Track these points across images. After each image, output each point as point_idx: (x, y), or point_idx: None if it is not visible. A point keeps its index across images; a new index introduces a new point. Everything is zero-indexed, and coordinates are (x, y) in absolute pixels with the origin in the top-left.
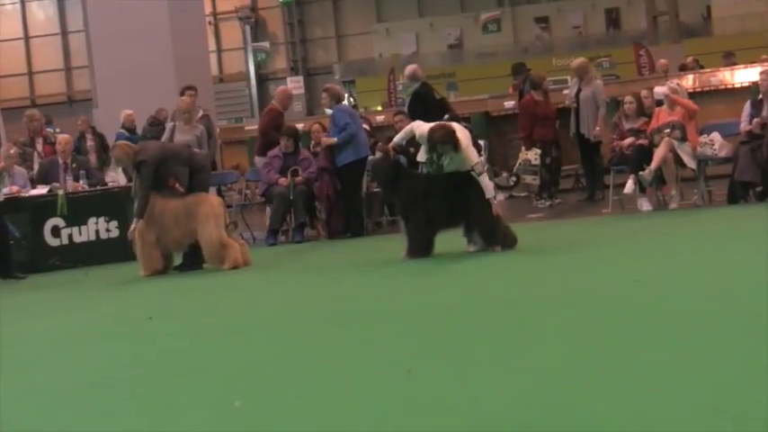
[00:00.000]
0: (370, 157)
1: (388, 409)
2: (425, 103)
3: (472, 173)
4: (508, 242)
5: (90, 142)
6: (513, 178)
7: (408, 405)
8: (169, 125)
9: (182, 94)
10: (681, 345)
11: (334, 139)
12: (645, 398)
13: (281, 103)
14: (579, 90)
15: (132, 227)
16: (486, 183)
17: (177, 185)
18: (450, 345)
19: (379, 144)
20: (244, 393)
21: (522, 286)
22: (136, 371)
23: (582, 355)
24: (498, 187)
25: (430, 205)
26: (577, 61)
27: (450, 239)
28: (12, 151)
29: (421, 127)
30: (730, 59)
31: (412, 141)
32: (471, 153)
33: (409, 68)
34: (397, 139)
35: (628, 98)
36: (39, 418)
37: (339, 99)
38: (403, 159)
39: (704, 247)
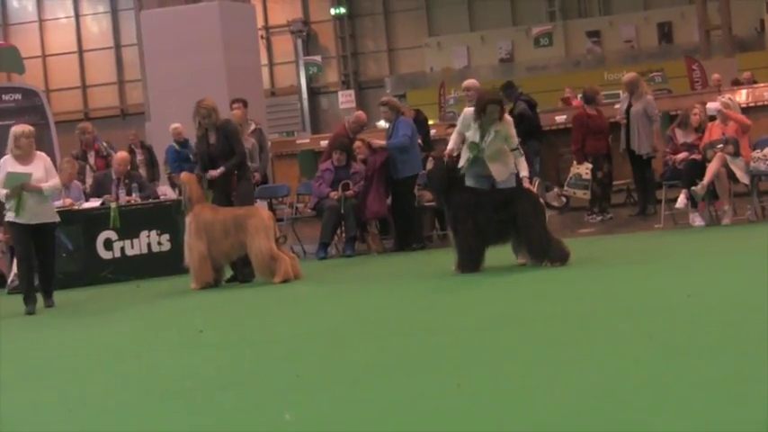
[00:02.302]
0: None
1: (438, 422)
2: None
3: (514, 151)
4: (560, 257)
5: (140, 156)
6: (564, 199)
7: (458, 418)
8: None
9: (231, 107)
10: (733, 359)
11: (383, 143)
12: (697, 411)
13: (352, 130)
14: (630, 105)
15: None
16: (524, 165)
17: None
18: (501, 358)
19: (433, 152)
20: (294, 406)
21: (573, 300)
22: (188, 382)
23: (633, 370)
24: (548, 206)
25: (480, 219)
26: (628, 76)
27: (500, 253)
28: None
29: (466, 109)
30: None
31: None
32: (513, 133)
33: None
34: (451, 144)
35: (695, 109)
36: (91, 429)
37: (399, 111)
38: None
39: (757, 263)
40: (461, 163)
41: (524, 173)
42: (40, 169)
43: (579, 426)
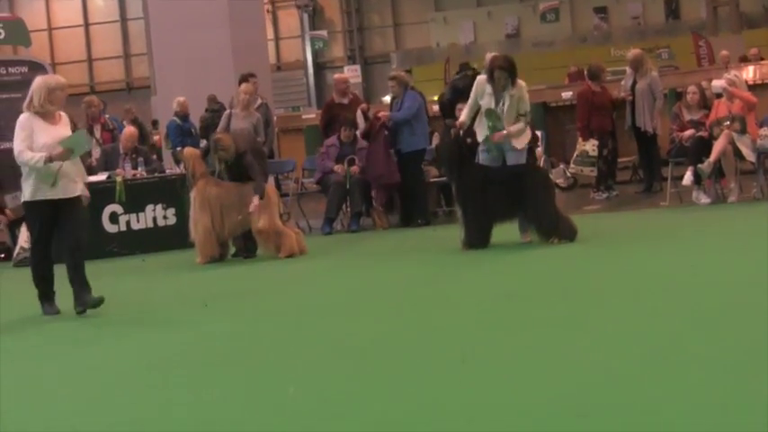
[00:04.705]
0: (429, 147)
1: (442, 396)
2: None
3: (521, 117)
4: (567, 234)
5: None
6: (571, 179)
7: (462, 392)
8: (226, 113)
9: (244, 80)
10: (738, 337)
11: (387, 113)
12: (701, 388)
13: (339, 92)
14: (635, 82)
15: (254, 205)
16: (528, 133)
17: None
18: (506, 334)
19: (447, 121)
20: (298, 380)
21: (579, 276)
22: (192, 355)
23: (638, 346)
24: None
25: (489, 196)
26: (633, 53)
27: (505, 230)
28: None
29: (479, 77)
30: None
31: (469, 131)
32: (527, 98)
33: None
34: (463, 117)
35: (691, 88)
36: (92, 399)
37: (408, 86)
38: None
39: (762, 242)
40: (480, 137)
41: (513, 129)
42: (68, 130)
43: (583, 401)
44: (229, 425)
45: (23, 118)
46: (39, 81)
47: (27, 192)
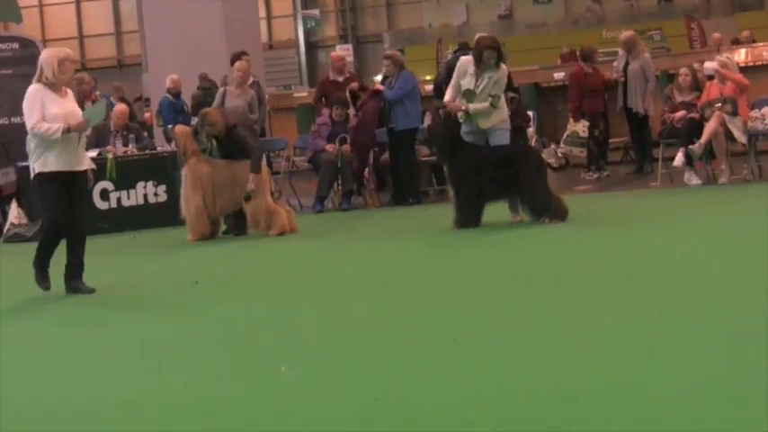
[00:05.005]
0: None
1: (433, 376)
2: None
3: (493, 97)
4: (559, 214)
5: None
6: (563, 160)
7: (453, 374)
8: (220, 90)
9: (237, 58)
10: (729, 319)
11: (381, 87)
12: (692, 370)
13: (336, 70)
14: (627, 63)
15: (250, 185)
16: (500, 114)
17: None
18: (497, 315)
19: (437, 101)
20: (290, 359)
21: (570, 258)
22: (183, 335)
23: (630, 329)
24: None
25: (482, 177)
26: (625, 34)
27: (496, 209)
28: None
29: (463, 57)
30: None
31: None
32: (505, 81)
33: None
34: (447, 96)
35: (683, 70)
36: (86, 380)
37: (403, 66)
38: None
39: (753, 223)
40: (460, 117)
41: (478, 106)
42: (74, 104)
43: (573, 383)
44: (222, 401)
45: (34, 90)
46: (48, 53)
47: (39, 163)
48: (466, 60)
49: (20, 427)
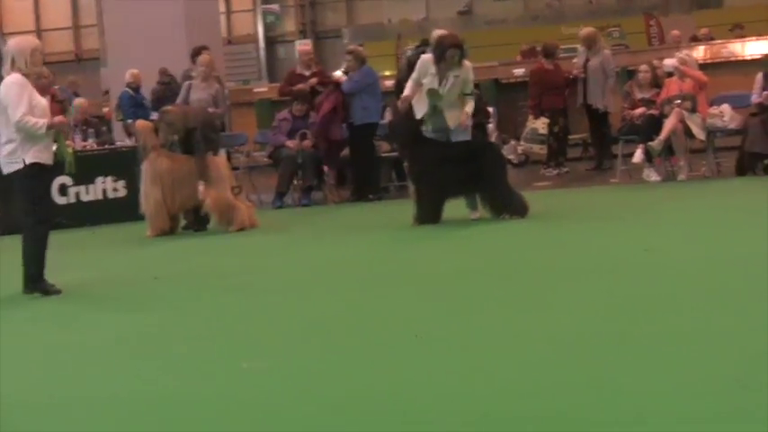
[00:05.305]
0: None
1: (395, 372)
2: None
3: (467, 96)
4: (519, 210)
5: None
6: (523, 156)
7: (415, 369)
8: (185, 84)
9: (197, 53)
10: (690, 313)
11: (341, 75)
12: (658, 364)
13: (304, 64)
14: (587, 60)
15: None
16: (471, 105)
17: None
18: (458, 310)
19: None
20: (250, 355)
21: (532, 253)
22: (144, 331)
23: (591, 323)
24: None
25: (441, 172)
26: (585, 31)
27: (456, 206)
28: None
29: (424, 56)
30: (738, 32)
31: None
32: (471, 78)
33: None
34: (407, 91)
35: (643, 67)
36: (49, 378)
37: (364, 62)
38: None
39: (712, 218)
40: (419, 114)
41: (468, 109)
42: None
43: (535, 377)
44: (186, 397)
45: (20, 80)
46: (19, 43)
47: (29, 154)
48: (428, 59)
49: None
